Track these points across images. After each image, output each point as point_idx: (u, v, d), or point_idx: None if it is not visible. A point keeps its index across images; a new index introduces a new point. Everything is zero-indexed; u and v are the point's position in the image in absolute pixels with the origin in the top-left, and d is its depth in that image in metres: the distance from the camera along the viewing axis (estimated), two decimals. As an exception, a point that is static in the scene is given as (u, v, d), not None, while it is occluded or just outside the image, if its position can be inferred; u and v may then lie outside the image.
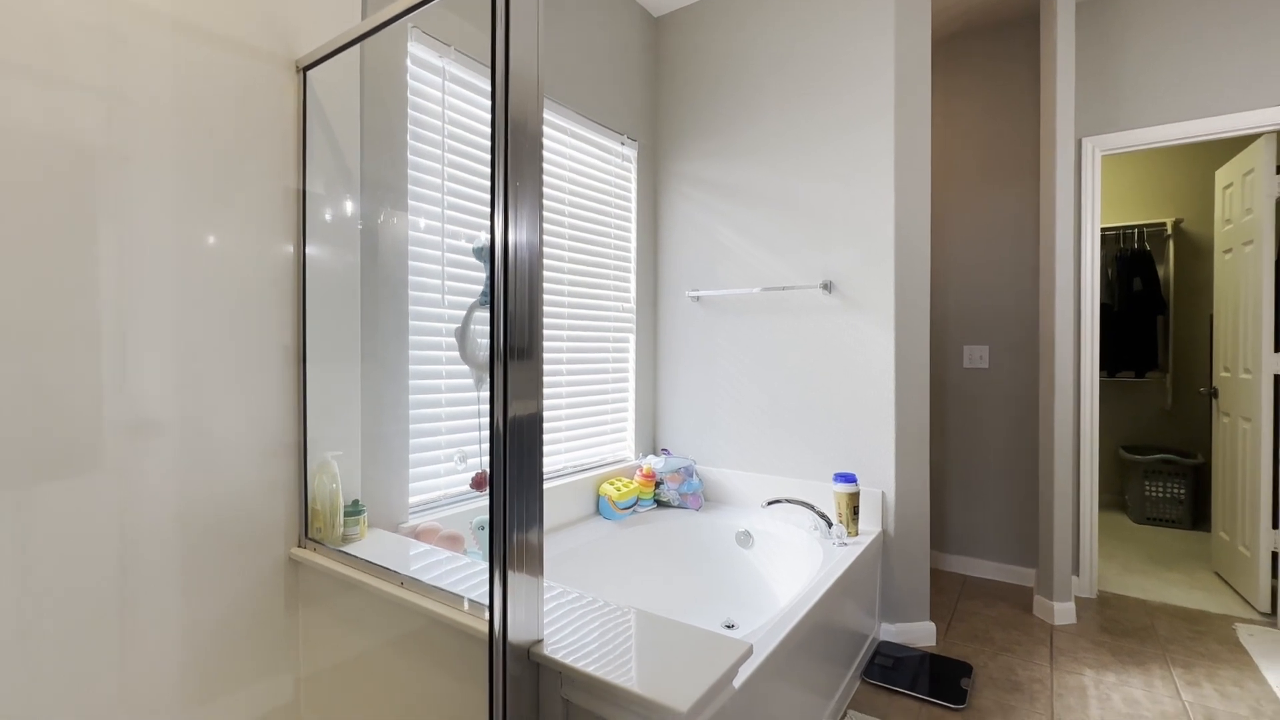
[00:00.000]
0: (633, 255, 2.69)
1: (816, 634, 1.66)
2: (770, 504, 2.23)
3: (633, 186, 2.69)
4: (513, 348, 0.94)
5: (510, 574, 0.95)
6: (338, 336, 1.55)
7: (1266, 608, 2.53)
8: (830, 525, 2.16)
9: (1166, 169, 4.11)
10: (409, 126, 1.72)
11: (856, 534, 2.19)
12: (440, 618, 1.12)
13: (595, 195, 2.47)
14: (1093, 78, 2.72)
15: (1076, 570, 2.72)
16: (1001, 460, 2.94)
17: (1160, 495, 3.86)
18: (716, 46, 2.64)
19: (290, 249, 1.47)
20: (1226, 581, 2.86)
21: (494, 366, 0.93)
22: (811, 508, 2.19)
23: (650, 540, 2.40)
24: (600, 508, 2.40)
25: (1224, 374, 2.94)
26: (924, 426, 2.27)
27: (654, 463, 2.55)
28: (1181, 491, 3.81)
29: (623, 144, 2.59)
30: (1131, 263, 4.09)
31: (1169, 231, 4.07)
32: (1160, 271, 4.11)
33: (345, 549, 1.38)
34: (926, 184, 2.29)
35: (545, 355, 2.24)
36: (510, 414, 0.94)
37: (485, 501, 1.88)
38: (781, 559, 2.30)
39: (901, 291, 2.24)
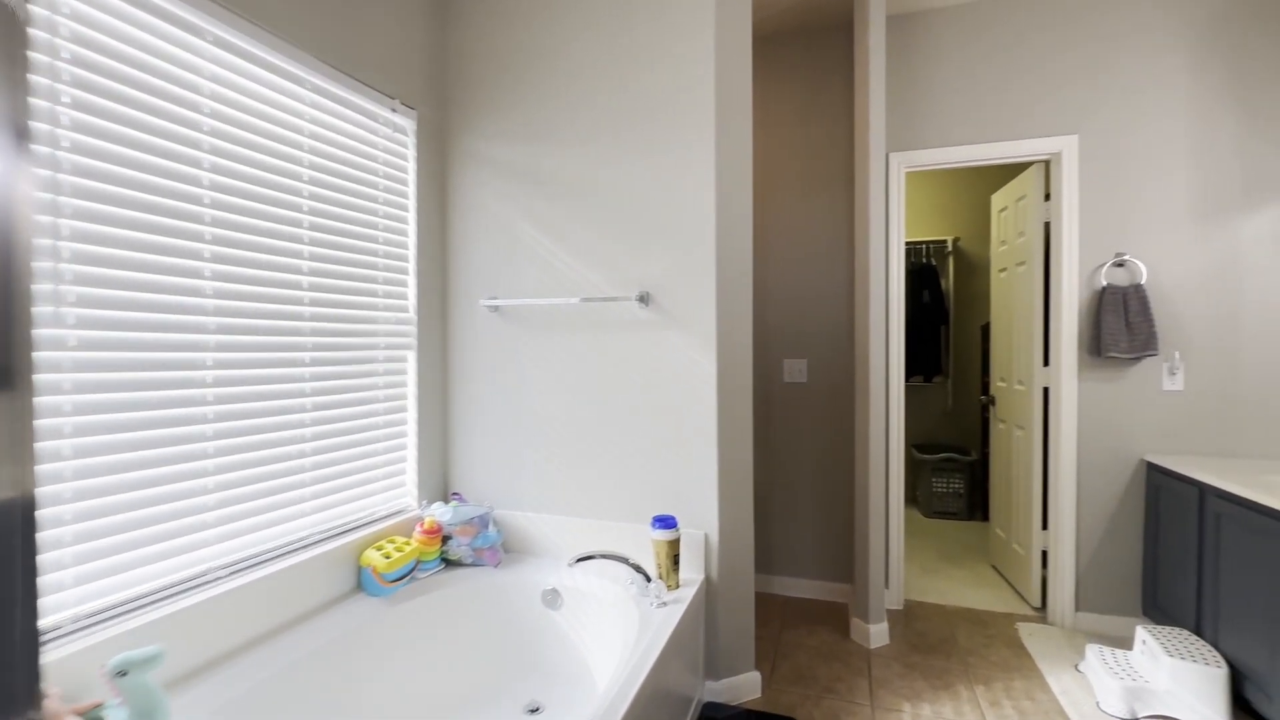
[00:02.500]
0: (411, 251, 2.14)
1: (628, 743, 1.31)
2: (579, 561, 1.85)
3: (411, 165, 2.14)
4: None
5: None
6: None
7: (1038, 603, 2.74)
8: (649, 580, 1.84)
9: (947, 189, 4.50)
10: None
11: (677, 586, 1.90)
12: None
13: (353, 173, 1.89)
14: (900, 95, 2.75)
15: (887, 582, 2.74)
16: (819, 474, 2.89)
17: (944, 490, 4.22)
18: (524, 10, 2.19)
19: None
20: (1003, 575, 3.10)
21: None
22: (626, 561, 1.85)
23: (432, 615, 1.90)
24: (363, 582, 1.84)
25: (1000, 384, 3.18)
26: (748, 458, 2.06)
27: (439, 514, 2.04)
28: (961, 486, 4.19)
29: (394, 110, 2.03)
30: (920, 276, 4.43)
31: (950, 248, 4.46)
32: (943, 284, 4.50)
33: None
34: (748, 189, 2.07)
35: (283, 386, 1.63)
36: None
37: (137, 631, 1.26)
38: (595, 621, 1.94)
39: (724, 305, 2.00)
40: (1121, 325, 2.40)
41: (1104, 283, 2.46)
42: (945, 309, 4.44)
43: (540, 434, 2.19)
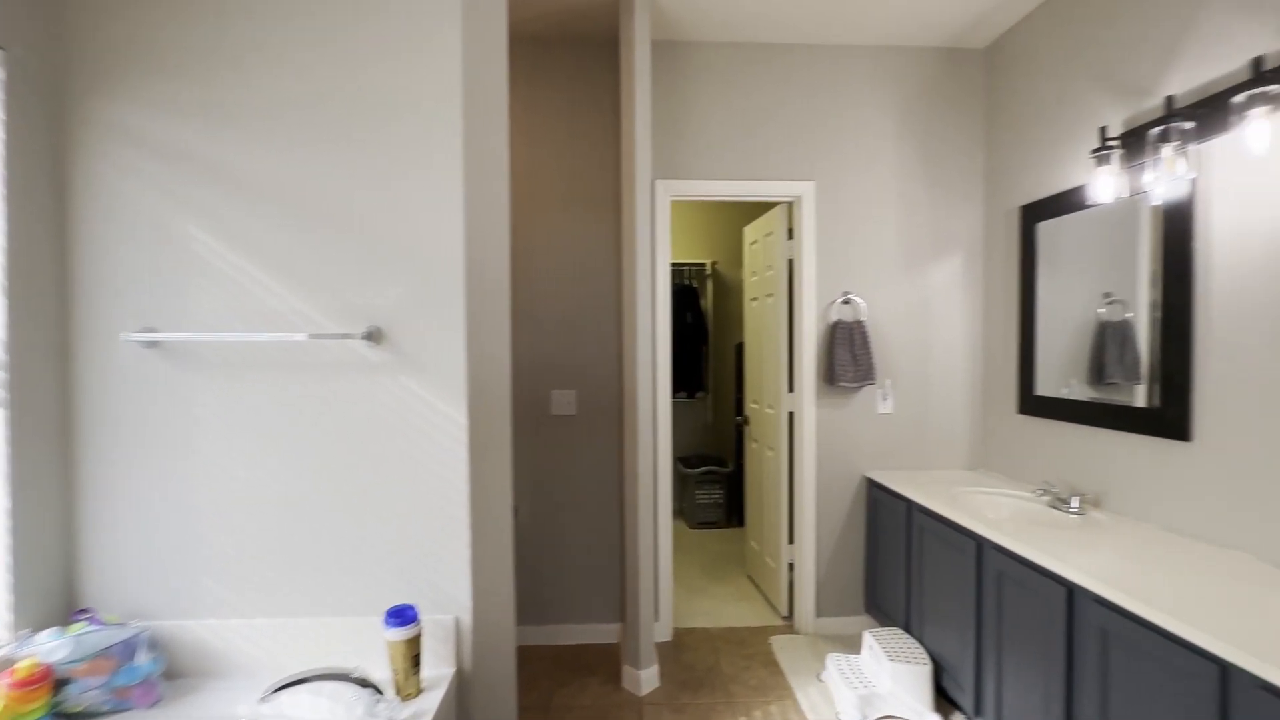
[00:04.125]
0: (-3, 262, 1.43)
1: None
2: (277, 691, 1.39)
3: (-7, 133, 1.43)
4: None
5: None
6: None
7: (786, 611, 2.95)
8: (379, 695, 1.46)
9: (705, 215, 4.77)
10: None
11: (418, 692, 1.54)
12: None
13: None
14: (668, 122, 2.72)
15: (657, 614, 2.70)
16: (590, 509, 2.75)
17: (707, 501, 4.45)
18: (186, -67, 1.61)
19: None
20: (758, 587, 3.31)
21: None
22: (347, 678, 1.45)
23: (28, 813, 1.26)
24: (-126, 798, 1.13)
25: (753, 406, 3.39)
26: (506, 517, 1.78)
27: (45, 651, 1.38)
28: (721, 496, 4.45)
29: (-50, 45, 1.32)
30: (683, 297, 4.62)
31: (709, 271, 4.73)
32: (703, 305, 4.75)
33: None
34: (505, 205, 1.79)
35: None
36: None
37: None
38: (306, 758, 1.48)
39: (476, 341, 1.69)
40: (849, 357, 2.67)
41: (835, 318, 2.73)
42: (705, 329, 4.70)
43: (229, 512, 1.64)
